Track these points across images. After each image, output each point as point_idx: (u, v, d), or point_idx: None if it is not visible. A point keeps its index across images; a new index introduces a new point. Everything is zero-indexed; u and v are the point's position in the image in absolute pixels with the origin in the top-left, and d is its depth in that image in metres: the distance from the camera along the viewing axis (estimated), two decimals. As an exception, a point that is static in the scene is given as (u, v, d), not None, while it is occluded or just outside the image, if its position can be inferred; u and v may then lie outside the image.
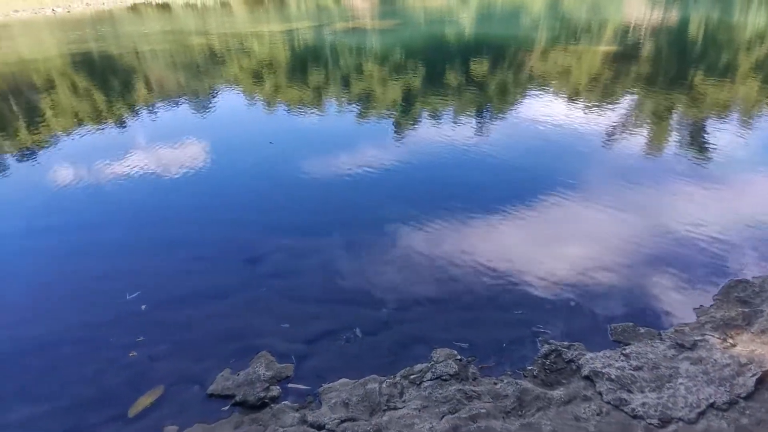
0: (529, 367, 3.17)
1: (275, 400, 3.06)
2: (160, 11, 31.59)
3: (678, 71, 11.26)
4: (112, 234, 5.26)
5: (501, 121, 8.22)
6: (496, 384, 2.97)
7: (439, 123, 8.27)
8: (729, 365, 2.94)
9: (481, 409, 2.72)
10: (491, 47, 14.96)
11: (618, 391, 2.86)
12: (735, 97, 8.90)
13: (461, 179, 6.12)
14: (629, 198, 5.39)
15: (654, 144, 7.03)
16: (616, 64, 11.98)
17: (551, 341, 3.36)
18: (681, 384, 2.85)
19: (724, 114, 8.02)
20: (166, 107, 10.45)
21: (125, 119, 9.66)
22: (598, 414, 2.70)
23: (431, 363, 3.20)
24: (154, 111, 10.19)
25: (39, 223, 5.60)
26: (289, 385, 3.19)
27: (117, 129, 9.03)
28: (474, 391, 2.89)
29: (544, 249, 4.56)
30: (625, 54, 12.92)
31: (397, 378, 3.10)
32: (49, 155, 7.78)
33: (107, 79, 13.34)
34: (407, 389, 3.00)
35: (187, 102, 10.80)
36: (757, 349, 3.03)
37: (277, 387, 3.15)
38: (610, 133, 7.39)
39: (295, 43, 17.39)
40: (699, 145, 6.77)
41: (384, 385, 3.03)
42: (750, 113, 8.07)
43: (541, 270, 4.20)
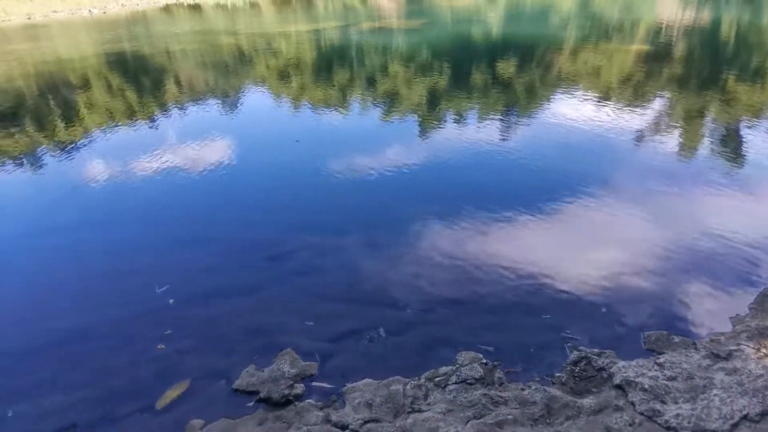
0: (558, 374, 3.09)
1: (299, 397, 3.07)
2: (191, 12, 32.27)
3: (711, 72, 10.87)
4: (142, 230, 5.38)
5: (528, 122, 8.08)
6: (523, 390, 2.90)
7: (465, 123, 8.18)
8: (762, 375, 2.84)
9: (508, 416, 2.66)
10: (519, 47, 14.75)
11: (651, 402, 2.76)
12: (773, 100, 8.54)
13: (487, 180, 6.04)
14: (661, 202, 5.22)
15: (686, 147, 6.79)
16: (647, 64, 11.64)
17: (581, 348, 3.27)
18: (715, 395, 2.76)
19: (757, 117, 7.71)
20: (195, 106, 10.65)
21: (156, 117, 9.90)
22: (630, 425, 2.61)
23: (456, 366, 3.16)
24: (183, 109, 10.40)
25: (74, 218, 5.78)
26: (313, 384, 3.19)
27: (148, 127, 9.25)
28: (500, 397, 2.83)
29: (572, 253, 4.45)
30: (658, 54, 12.55)
31: (422, 380, 3.07)
32: (84, 152, 8.02)
33: (139, 78, 13.70)
34: (432, 392, 2.97)
35: (216, 101, 10.99)
36: (798, 362, 2.89)
37: (301, 385, 3.15)
38: (641, 135, 7.18)
39: (322, 43, 17.50)
40: (732, 149, 6.52)
41: (408, 387, 3.00)
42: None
43: (570, 274, 4.10)
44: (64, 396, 3.26)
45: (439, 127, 8.11)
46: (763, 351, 3.06)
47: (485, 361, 3.19)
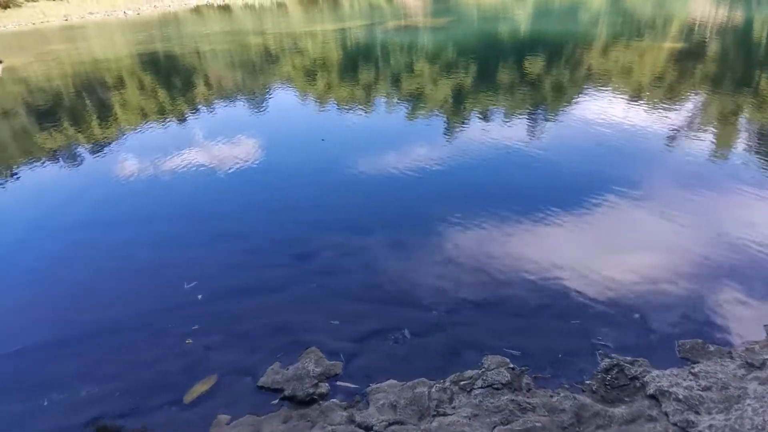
0: (588, 381, 3.00)
1: (323, 396, 3.07)
2: (220, 12, 32.87)
3: (745, 72, 10.42)
4: (171, 226, 5.50)
5: (557, 122, 7.91)
6: (552, 397, 2.84)
7: (492, 123, 8.06)
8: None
9: (536, 423, 2.61)
10: (547, 44, 14.46)
11: (685, 413, 2.66)
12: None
13: (514, 181, 5.94)
14: (694, 206, 5.03)
15: (720, 149, 6.52)
16: (680, 62, 11.25)
17: (612, 355, 3.17)
18: (748, 405, 2.67)
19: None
20: (223, 104, 10.84)
21: (186, 115, 10.11)
22: (663, 436, 2.52)
23: (482, 370, 3.11)
24: (212, 108, 10.60)
25: (106, 215, 5.95)
26: (338, 383, 3.19)
27: (178, 125, 9.46)
28: (528, 403, 2.77)
29: (602, 257, 4.33)
30: (691, 52, 12.11)
31: (447, 383, 3.03)
32: (116, 150, 8.26)
33: (170, 78, 14.03)
34: (457, 395, 2.93)
35: (244, 99, 11.15)
36: None
37: (326, 384, 3.16)
38: (673, 136, 6.93)
39: (348, 42, 17.56)
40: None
41: (433, 390, 2.97)
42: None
43: (600, 279, 3.99)
44: (96, 387, 3.36)
45: (465, 127, 8.02)
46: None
47: (512, 366, 3.13)
